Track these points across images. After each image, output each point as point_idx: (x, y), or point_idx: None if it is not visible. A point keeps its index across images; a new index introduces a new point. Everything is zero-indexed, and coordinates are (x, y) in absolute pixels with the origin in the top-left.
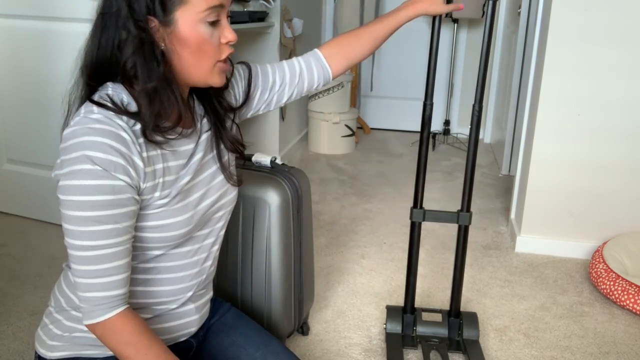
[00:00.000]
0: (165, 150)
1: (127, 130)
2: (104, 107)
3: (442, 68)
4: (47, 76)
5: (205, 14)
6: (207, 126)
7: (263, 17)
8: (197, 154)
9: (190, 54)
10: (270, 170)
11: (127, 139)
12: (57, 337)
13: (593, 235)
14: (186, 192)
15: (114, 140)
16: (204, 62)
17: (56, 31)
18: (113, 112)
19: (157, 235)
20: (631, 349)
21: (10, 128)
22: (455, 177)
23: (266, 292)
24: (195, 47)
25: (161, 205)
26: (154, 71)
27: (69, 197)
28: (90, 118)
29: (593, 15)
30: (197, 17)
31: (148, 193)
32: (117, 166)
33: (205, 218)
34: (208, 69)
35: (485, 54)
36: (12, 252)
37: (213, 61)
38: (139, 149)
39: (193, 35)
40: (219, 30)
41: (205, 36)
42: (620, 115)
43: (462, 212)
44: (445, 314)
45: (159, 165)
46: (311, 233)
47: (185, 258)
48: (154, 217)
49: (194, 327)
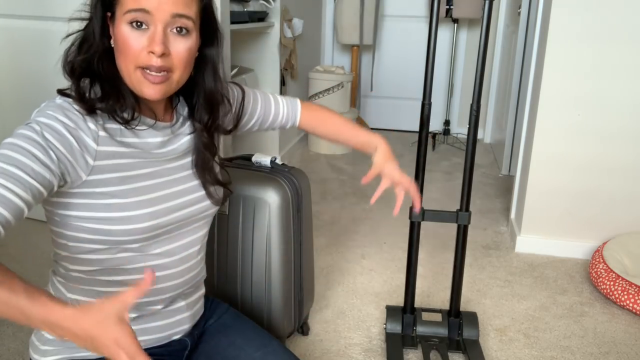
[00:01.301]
0: (130, 139)
1: (82, 112)
2: (67, 95)
3: (442, 68)
4: (47, 76)
5: (128, 16)
6: (190, 129)
7: (263, 17)
8: (166, 147)
9: (117, 52)
10: (270, 170)
11: (79, 118)
12: (50, 342)
13: (593, 235)
14: (153, 187)
15: (64, 116)
16: (124, 64)
17: (56, 31)
18: (73, 100)
19: (121, 227)
20: (631, 349)
21: (10, 128)
22: (455, 177)
23: (266, 292)
24: (120, 47)
25: (121, 195)
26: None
27: (8, 139)
28: (53, 102)
29: (593, 15)
30: (123, 17)
31: (99, 172)
32: (54, 133)
33: (178, 218)
34: (129, 73)
35: (483, 54)
36: (12, 252)
37: (132, 65)
38: (92, 127)
39: (118, 34)
40: (146, 38)
41: (125, 37)
42: (621, 115)
43: (461, 212)
44: (445, 313)
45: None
46: (311, 233)
47: (162, 258)
48: (115, 208)
49: (186, 324)
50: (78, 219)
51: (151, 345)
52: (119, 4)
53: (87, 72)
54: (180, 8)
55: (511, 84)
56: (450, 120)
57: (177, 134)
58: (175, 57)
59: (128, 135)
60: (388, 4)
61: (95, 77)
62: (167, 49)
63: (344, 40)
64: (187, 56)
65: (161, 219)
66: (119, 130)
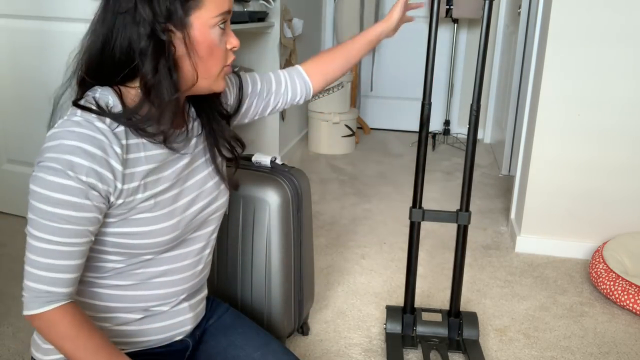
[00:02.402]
0: (149, 152)
1: (106, 133)
2: (87, 110)
3: (442, 68)
4: (47, 76)
5: (217, 19)
6: (199, 130)
7: (263, 17)
8: (184, 159)
9: (200, 59)
10: (270, 170)
11: (104, 142)
12: None
13: (593, 235)
14: (174, 197)
15: (90, 144)
16: (213, 67)
17: (56, 31)
18: (96, 115)
19: (143, 241)
20: (631, 349)
21: (10, 128)
22: (455, 177)
23: (266, 292)
24: (206, 52)
25: (146, 210)
26: (171, 78)
27: (37, 188)
28: (71, 121)
29: (593, 15)
30: (210, 22)
31: (128, 195)
32: (89, 171)
33: (195, 223)
34: (216, 74)
35: (483, 54)
36: (12, 252)
37: (221, 66)
38: (118, 151)
39: (205, 40)
40: (225, 36)
41: (215, 41)
42: (621, 115)
43: (461, 212)
44: (445, 314)
45: (141, 168)
46: (311, 233)
47: (174, 262)
48: (138, 223)
49: (189, 325)
50: (98, 233)
51: (153, 345)
52: (201, 9)
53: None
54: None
55: (511, 84)
56: (450, 120)
57: (190, 136)
58: None
59: (150, 149)
60: (388, 4)
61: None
62: None
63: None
64: None
65: (182, 229)
66: (142, 144)
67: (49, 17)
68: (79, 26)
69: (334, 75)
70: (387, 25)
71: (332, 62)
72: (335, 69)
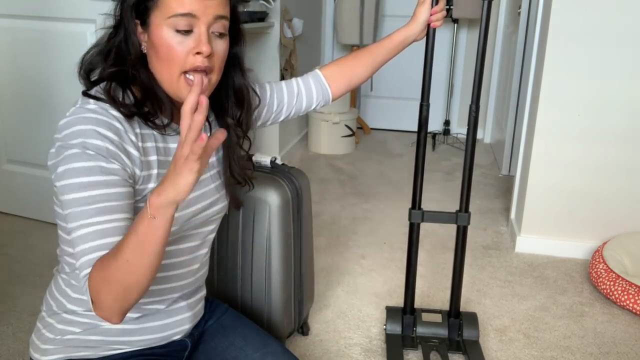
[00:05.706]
0: (159, 144)
1: (121, 120)
2: (99, 99)
3: (442, 68)
4: (47, 76)
5: (172, 21)
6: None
7: (263, 17)
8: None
9: (157, 59)
10: (270, 170)
11: (120, 129)
12: (50, 341)
13: (593, 235)
14: None
15: (107, 129)
16: (168, 70)
17: (56, 31)
18: (109, 104)
19: None
20: (631, 349)
21: (10, 128)
22: (455, 177)
23: (266, 292)
24: (162, 53)
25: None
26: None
27: (65, 181)
28: (85, 108)
29: (593, 15)
30: (165, 22)
31: (143, 182)
32: (109, 152)
33: (194, 222)
34: (174, 79)
35: (482, 54)
36: (12, 252)
37: (177, 71)
38: (134, 139)
39: (160, 41)
40: (192, 40)
41: (170, 42)
42: (621, 115)
43: (460, 213)
44: (445, 314)
45: (154, 157)
46: (311, 233)
47: (168, 258)
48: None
49: (187, 324)
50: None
51: (151, 345)
52: (158, 9)
53: (118, 80)
54: (221, 10)
55: (511, 84)
56: (450, 120)
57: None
58: (216, 58)
59: (160, 141)
60: (388, 4)
61: (126, 83)
62: (212, 50)
63: (344, 40)
64: (224, 57)
65: (179, 226)
66: (153, 135)
67: (49, 17)
68: (79, 26)
69: (358, 79)
70: (412, 29)
71: (357, 66)
72: (360, 73)
